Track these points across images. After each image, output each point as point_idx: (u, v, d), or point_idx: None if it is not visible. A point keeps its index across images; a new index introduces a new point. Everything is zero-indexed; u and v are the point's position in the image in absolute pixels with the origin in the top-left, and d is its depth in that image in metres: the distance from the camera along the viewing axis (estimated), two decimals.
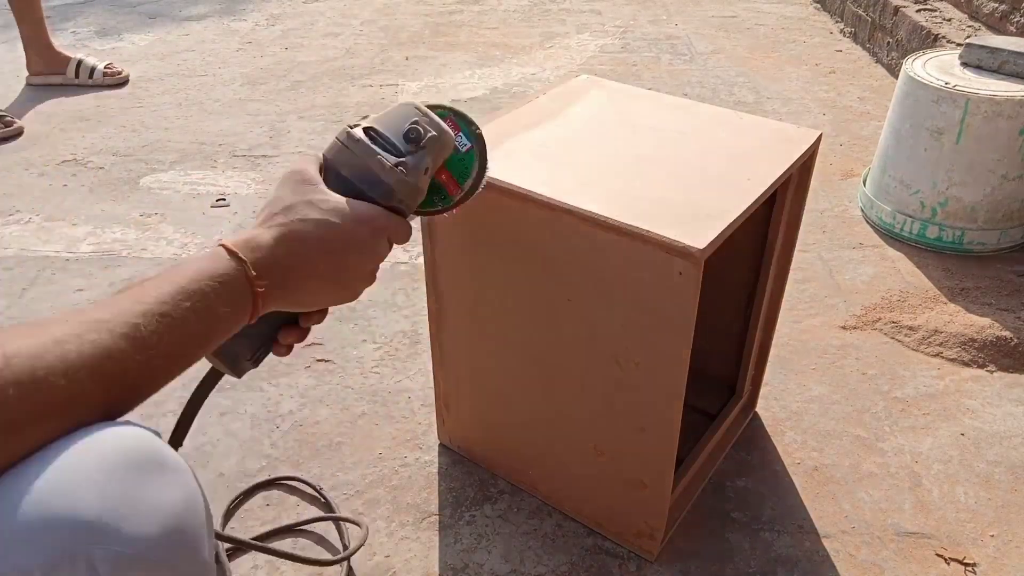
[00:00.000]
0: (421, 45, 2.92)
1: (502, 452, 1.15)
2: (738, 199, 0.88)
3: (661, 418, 0.93)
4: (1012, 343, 1.42)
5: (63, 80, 2.53)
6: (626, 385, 0.94)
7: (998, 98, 1.57)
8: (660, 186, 0.91)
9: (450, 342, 1.11)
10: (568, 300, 0.93)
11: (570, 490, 1.09)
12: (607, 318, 0.91)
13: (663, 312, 0.86)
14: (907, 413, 1.29)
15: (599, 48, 2.88)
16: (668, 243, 0.81)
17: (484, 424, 1.15)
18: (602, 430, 1.00)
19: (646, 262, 0.84)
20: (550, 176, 0.92)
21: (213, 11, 3.28)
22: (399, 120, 0.71)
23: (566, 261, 0.91)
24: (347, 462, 1.19)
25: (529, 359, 1.02)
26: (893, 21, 2.64)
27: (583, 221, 0.86)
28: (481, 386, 1.11)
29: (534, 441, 1.09)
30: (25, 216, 1.84)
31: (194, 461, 1.19)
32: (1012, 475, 1.18)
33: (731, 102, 2.43)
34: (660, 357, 0.89)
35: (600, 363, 0.95)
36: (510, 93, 2.49)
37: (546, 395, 1.03)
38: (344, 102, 2.44)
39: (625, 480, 1.01)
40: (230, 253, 0.61)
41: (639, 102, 1.13)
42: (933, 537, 1.08)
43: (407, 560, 1.05)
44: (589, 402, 0.99)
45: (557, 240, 0.90)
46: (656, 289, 0.85)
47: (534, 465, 1.12)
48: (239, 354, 0.71)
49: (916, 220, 1.72)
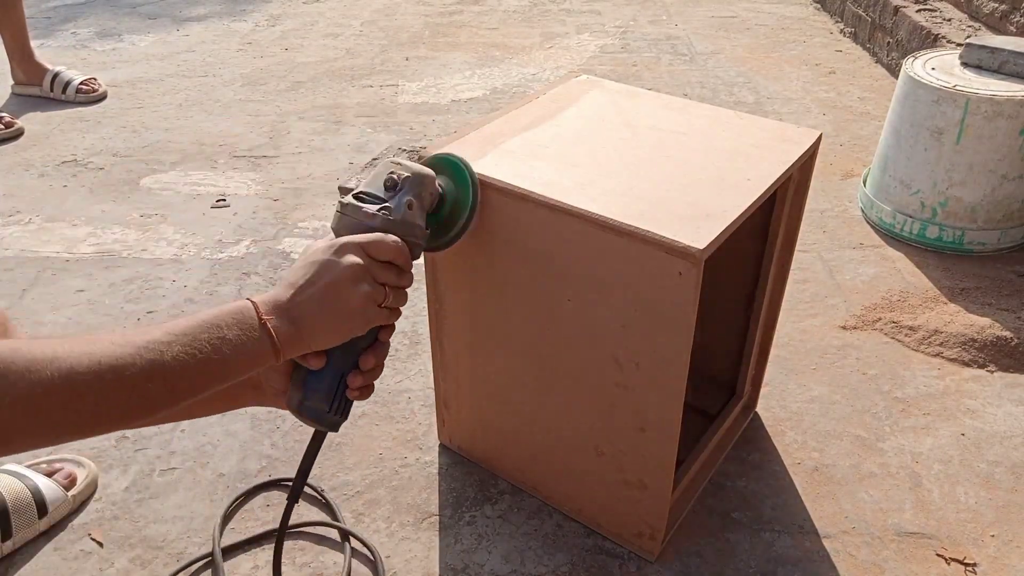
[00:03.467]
0: (421, 45, 2.92)
1: (502, 452, 1.15)
2: (739, 199, 0.88)
3: (662, 418, 0.93)
4: (1012, 343, 1.42)
5: (40, 92, 2.47)
6: (626, 385, 0.94)
7: (998, 98, 1.57)
8: (660, 186, 0.91)
9: (450, 343, 1.10)
10: (568, 300, 0.93)
11: (571, 490, 1.09)
12: (607, 318, 0.91)
13: (663, 312, 0.86)
14: (907, 413, 1.29)
15: (599, 48, 2.88)
16: (668, 243, 0.81)
17: (484, 424, 1.15)
18: (602, 430, 1.00)
19: (646, 262, 0.84)
20: (550, 176, 0.92)
21: (213, 12, 3.29)
22: (380, 176, 0.83)
23: (566, 261, 0.91)
24: (347, 462, 1.19)
25: (529, 359, 1.02)
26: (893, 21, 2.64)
27: (583, 221, 0.86)
28: (481, 386, 1.11)
29: (534, 441, 1.09)
30: (25, 217, 1.84)
31: (194, 461, 1.19)
32: (1012, 475, 1.18)
33: (731, 102, 2.43)
34: (660, 357, 0.89)
35: (600, 363, 0.94)
36: (510, 93, 2.49)
37: (546, 395, 1.03)
38: (344, 102, 2.44)
39: (625, 480, 1.01)
40: (250, 300, 0.72)
41: (638, 102, 1.13)
42: (933, 537, 1.08)
43: (407, 560, 1.05)
44: (589, 402, 0.99)
45: (557, 240, 0.90)
46: (656, 289, 0.85)
47: (534, 465, 1.12)
48: (319, 409, 0.80)
49: (916, 220, 1.72)
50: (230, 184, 1.98)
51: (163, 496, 1.14)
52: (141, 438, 1.23)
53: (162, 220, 1.83)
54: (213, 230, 1.78)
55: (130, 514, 1.11)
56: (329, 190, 1.92)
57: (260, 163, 2.08)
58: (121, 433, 1.23)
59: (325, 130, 2.27)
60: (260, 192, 1.95)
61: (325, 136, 2.23)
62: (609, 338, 0.92)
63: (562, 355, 0.98)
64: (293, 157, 2.11)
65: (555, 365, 1.00)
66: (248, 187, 1.97)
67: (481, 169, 0.92)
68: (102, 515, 1.11)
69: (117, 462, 1.19)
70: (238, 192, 1.94)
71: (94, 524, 1.09)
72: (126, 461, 1.19)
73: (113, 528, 1.09)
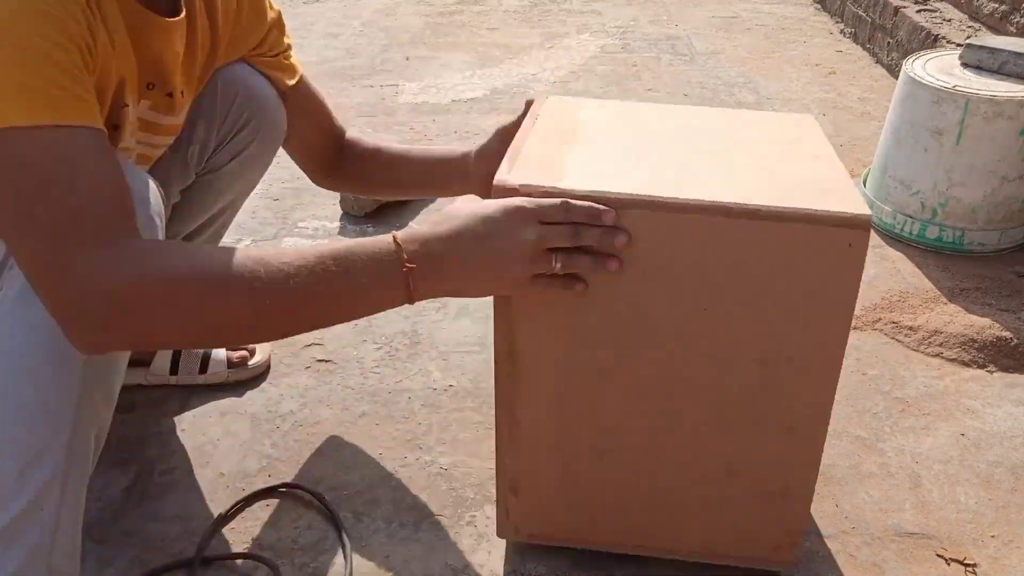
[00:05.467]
0: (421, 45, 2.92)
1: (597, 519, 1.00)
2: (834, 172, 0.85)
3: (813, 412, 0.87)
4: (1012, 343, 1.42)
5: None
6: (772, 386, 0.87)
7: (998, 98, 1.57)
8: (749, 174, 0.84)
9: (528, 409, 0.92)
10: (704, 310, 0.83)
11: (689, 530, 0.98)
12: (753, 318, 0.83)
13: (823, 294, 0.80)
14: (907, 413, 1.29)
15: (599, 48, 2.88)
16: (834, 216, 0.76)
17: (569, 496, 0.98)
18: (738, 445, 0.91)
19: (806, 243, 0.78)
20: (645, 176, 0.82)
21: None
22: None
23: (699, 268, 0.81)
24: (347, 462, 1.19)
25: (645, 394, 0.90)
26: (893, 21, 2.65)
27: (721, 216, 0.78)
28: (569, 450, 0.95)
29: (642, 491, 0.96)
30: None
31: (194, 461, 1.19)
32: (1012, 475, 1.18)
33: (731, 103, 2.43)
34: (816, 345, 0.83)
35: (742, 369, 0.86)
36: (510, 93, 2.49)
37: (664, 431, 0.92)
38: (344, 102, 2.44)
39: (765, 493, 0.93)
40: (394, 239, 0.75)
41: (637, 114, 1.06)
42: (933, 537, 1.08)
43: (407, 560, 1.05)
44: (724, 418, 0.90)
45: (685, 247, 0.80)
46: (816, 269, 0.79)
47: (641, 519, 0.98)
48: None
49: (916, 220, 1.72)
50: None
51: (163, 496, 1.14)
52: (141, 438, 1.23)
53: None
54: None
55: (130, 513, 1.11)
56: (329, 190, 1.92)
57: None
58: (121, 433, 1.23)
59: None
60: (260, 192, 1.94)
61: None
62: (755, 339, 0.84)
63: (692, 374, 0.88)
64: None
65: (681, 389, 0.89)
66: None
67: (563, 183, 0.81)
68: (102, 514, 1.11)
69: (117, 461, 1.19)
70: None
71: (94, 523, 1.09)
72: (126, 460, 1.19)
73: (113, 528, 1.09)
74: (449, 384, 1.34)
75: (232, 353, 1.33)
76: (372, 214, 1.80)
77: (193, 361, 1.30)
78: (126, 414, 1.26)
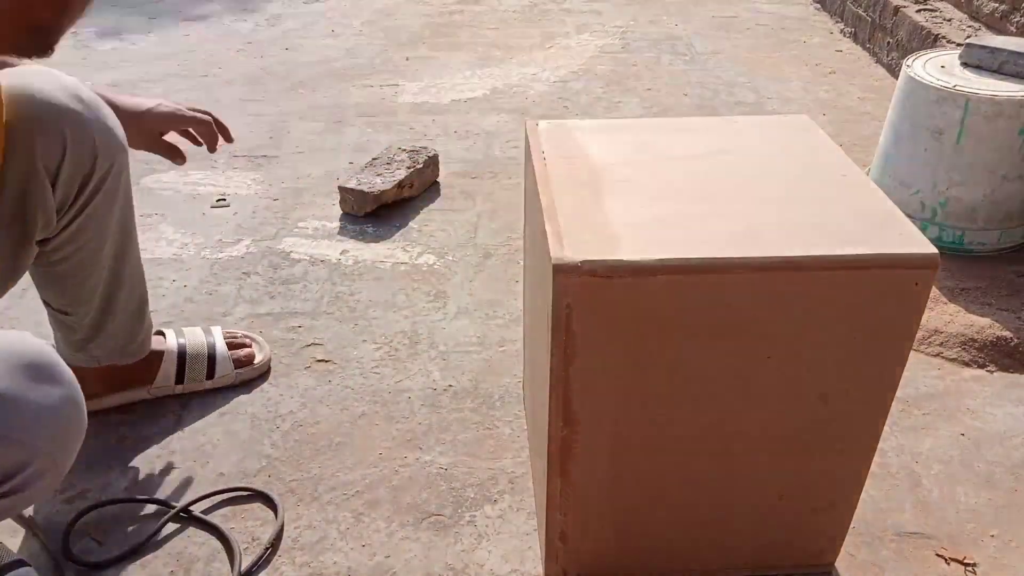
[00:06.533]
0: (421, 45, 2.92)
1: (648, 554, 1.00)
2: (873, 197, 0.84)
3: (865, 432, 0.89)
4: (1012, 343, 1.42)
5: None
6: (828, 418, 0.88)
7: (998, 98, 1.57)
8: (797, 211, 0.83)
9: (583, 470, 0.91)
10: (768, 358, 0.83)
11: (736, 551, 1.01)
12: (816, 358, 0.84)
13: (887, 329, 0.81)
14: (907, 413, 1.29)
15: (599, 48, 2.88)
16: (904, 259, 0.76)
17: (621, 537, 0.98)
18: (791, 472, 0.93)
19: (871, 286, 0.78)
20: (694, 234, 0.80)
21: (214, 12, 3.29)
22: None
23: (767, 321, 0.81)
24: (347, 462, 1.19)
25: (705, 443, 0.90)
26: (893, 21, 2.64)
27: (792, 270, 0.77)
28: (622, 501, 0.95)
29: (693, 524, 0.98)
30: None
31: (194, 461, 1.19)
32: (1012, 475, 1.18)
33: (731, 103, 2.43)
34: (873, 378, 0.84)
35: (803, 406, 0.87)
36: (510, 93, 2.49)
37: (719, 468, 0.93)
38: (344, 102, 2.44)
39: (812, 509, 0.96)
40: None
41: (638, 134, 1.01)
42: (933, 537, 1.08)
43: (407, 560, 1.05)
44: (779, 450, 0.91)
45: (755, 302, 0.79)
46: (883, 307, 0.79)
47: (690, 547, 1.00)
48: None
49: (916, 220, 1.72)
50: (230, 184, 1.98)
51: (162, 495, 1.14)
52: (141, 438, 1.23)
53: (162, 220, 1.83)
54: (213, 230, 1.79)
55: (130, 513, 1.11)
56: (329, 190, 1.92)
57: (260, 163, 2.08)
58: (121, 433, 1.23)
59: (325, 130, 2.27)
60: (260, 192, 1.95)
61: (325, 136, 2.23)
62: (816, 379, 0.85)
63: (752, 416, 0.88)
64: (293, 157, 2.11)
65: (739, 430, 0.89)
66: (248, 187, 1.97)
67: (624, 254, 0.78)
68: (102, 514, 1.11)
69: (117, 462, 1.19)
70: (238, 192, 1.94)
71: (94, 523, 1.09)
72: (126, 460, 1.19)
73: (113, 527, 1.09)
74: (449, 384, 1.34)
75: (238, 351, 1.33)
76: (372, 214, 1.80)
77: (199, 366, 1.29)
78: (126, 415, 1.26)
